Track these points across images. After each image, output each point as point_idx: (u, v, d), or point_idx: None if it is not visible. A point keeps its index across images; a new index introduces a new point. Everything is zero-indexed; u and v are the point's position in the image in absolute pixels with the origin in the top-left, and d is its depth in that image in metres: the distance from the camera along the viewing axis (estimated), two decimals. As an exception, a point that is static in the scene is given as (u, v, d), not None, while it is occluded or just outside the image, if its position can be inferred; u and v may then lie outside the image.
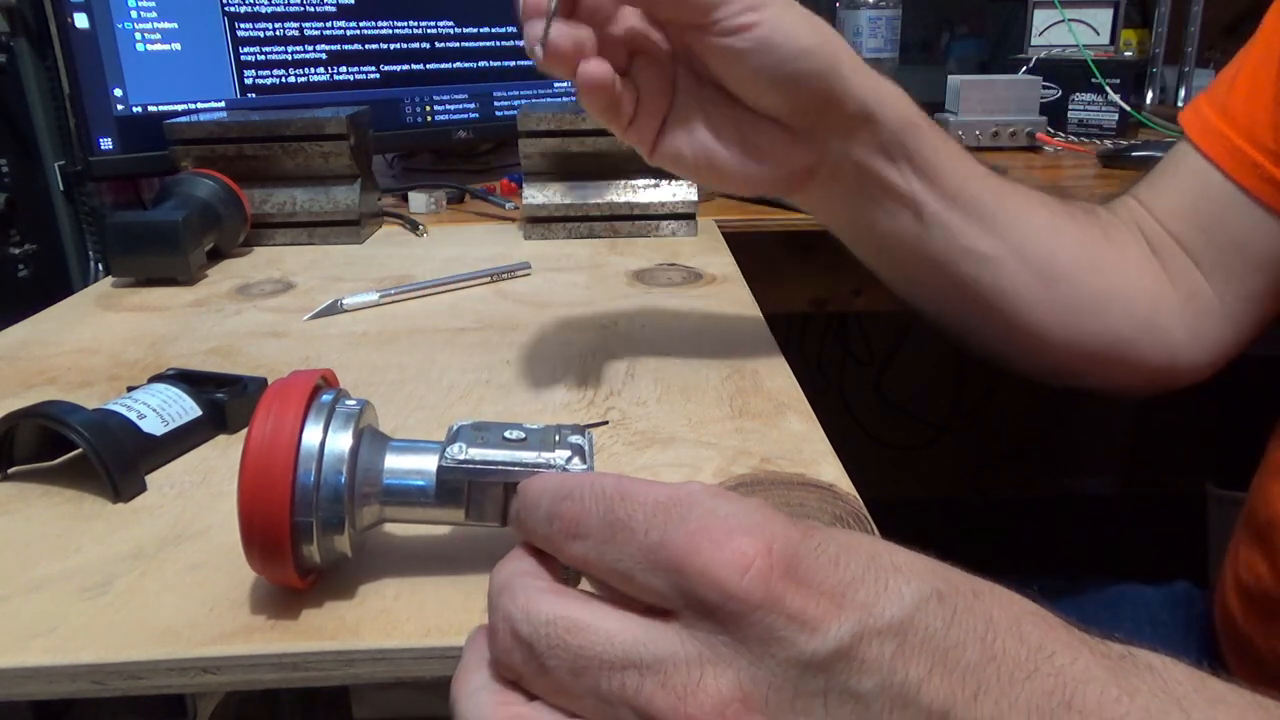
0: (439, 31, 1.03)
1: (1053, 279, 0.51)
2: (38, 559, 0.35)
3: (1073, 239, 0.52)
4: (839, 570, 0.22)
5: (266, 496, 0.29)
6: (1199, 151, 0.53)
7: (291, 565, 0.30)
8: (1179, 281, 0.54)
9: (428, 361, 0.54)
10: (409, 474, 0.31)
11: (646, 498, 0.24)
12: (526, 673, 0.24)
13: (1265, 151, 0.51)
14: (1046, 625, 0.23)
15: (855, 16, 1.28)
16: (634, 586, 0.23)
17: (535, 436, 0.31)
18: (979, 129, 1.20)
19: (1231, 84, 0.54)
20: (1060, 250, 0.51)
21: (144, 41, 0.85)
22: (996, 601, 0.23)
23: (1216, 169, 0.52)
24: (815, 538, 0.23)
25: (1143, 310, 0.53)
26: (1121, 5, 1.32)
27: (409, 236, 0.86)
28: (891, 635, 0.22)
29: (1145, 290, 0.53)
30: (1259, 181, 0.51)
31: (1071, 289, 0.51)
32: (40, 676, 0.29)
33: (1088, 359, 0.54)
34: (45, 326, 0.63)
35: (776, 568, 0.22)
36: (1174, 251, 0.54)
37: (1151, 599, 0.66)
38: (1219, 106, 0.53)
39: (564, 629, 0.23)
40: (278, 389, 0.31)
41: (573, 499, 0.25)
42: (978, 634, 0.22)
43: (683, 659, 0.22)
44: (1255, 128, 0.51)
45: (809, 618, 0.21)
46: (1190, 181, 0.54)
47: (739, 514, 0.23)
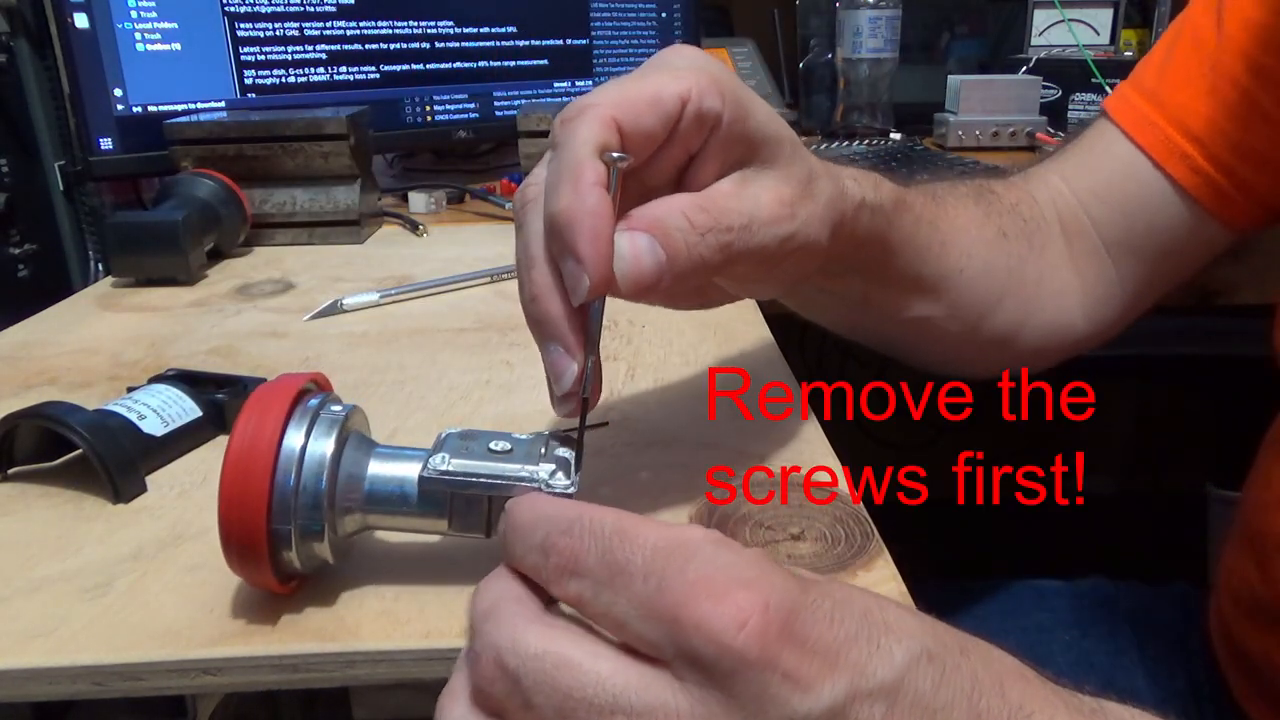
0: (439, 31, 1.03)
1: (976, 325, 0.51)
2: (38, 559, 0.35)
3: (1002, 272, 0.51)
4: (834, 628, 0.22)
5: (244, 502, 0.29)
6: (1128, 139, 0.53)
7: (270, 571, 0.30)
8: (1085, 268, 0.54)
9: (428, 362, 0.54)
10: (391, 482, 0.31)
11: (646, 541, 0.23)
12: (510, 706, 0.23)
13: (1195, 142, 0.51)
14: (1025, 682, 0.24)
15: (855, 16, 1.28)
16: (627, 634, 0.23)
17: (522, 448, 0.31)
18: (979, 129, 1.21)
19: (1160, 71, 0.53)
20: (989, 293, 0.51)
21: (144, 41, 0.85)
22: (981, 659, 0.24)
23: (1146, 157, 0.52)
24: (811, 593, 0.23)
25: (1050, 317, 0.54)
26: (1121, 5, 1.32)
27: (409, 236, 0.86)
28: (883, 697, 0.22)
29: (1056, 295, 0.54)
30: (1188, 172, 0.51)
31: (992, 323, 0.52)
32: (40, 677, 0.29)
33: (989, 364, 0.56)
34: (45, 326, 0.63)
35: (773, 625, 0.22)
36: (1086, 234, 0.54)
37: (1150, 600, 0.66)
38: (1148, 94, 0.53)
39: (553, 665, 0.23)
40: (262, 393, 0.30)
41: (570, 534, 0.24)
42: (965, 693, 0.23)
43: (673, 710, 0.22)
44: (1187, 117, 0.51)
45: (802, 677, 0.21)
46: (1117, 167, 0.53)
47: (738, 565, 0.23)
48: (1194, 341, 0.84)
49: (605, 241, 0.29)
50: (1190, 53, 0.52)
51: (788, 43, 1.44)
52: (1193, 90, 0.51)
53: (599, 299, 0.31)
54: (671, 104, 0.31)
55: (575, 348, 0.31)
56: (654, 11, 1.18)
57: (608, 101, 0.30)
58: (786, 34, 1.43)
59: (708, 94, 0.31)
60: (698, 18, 1.22)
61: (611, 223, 0.29)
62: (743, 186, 0.33)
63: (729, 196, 0.33)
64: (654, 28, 1.19)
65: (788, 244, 0.34)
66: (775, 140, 0.34)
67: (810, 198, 0.35)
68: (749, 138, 0.33)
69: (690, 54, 0.34)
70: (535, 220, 0.31)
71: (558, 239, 0.29)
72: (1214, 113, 0.50)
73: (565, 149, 0.30)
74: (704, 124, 0.32)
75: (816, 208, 0.35)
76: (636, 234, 0.30)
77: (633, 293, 0.30)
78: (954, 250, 0.48)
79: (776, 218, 0.33)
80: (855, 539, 0.35)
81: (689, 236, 0.31)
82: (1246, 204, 0.51)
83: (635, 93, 0.31)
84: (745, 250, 0.32)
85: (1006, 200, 0.54)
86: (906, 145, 1.23)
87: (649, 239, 0.30)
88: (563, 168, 0.30)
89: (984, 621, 0.66)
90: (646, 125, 0.31)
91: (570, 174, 0.29)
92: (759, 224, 0.33)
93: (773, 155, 0.34)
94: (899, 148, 1.21)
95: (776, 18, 1.42)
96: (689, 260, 0.31)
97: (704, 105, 0.31)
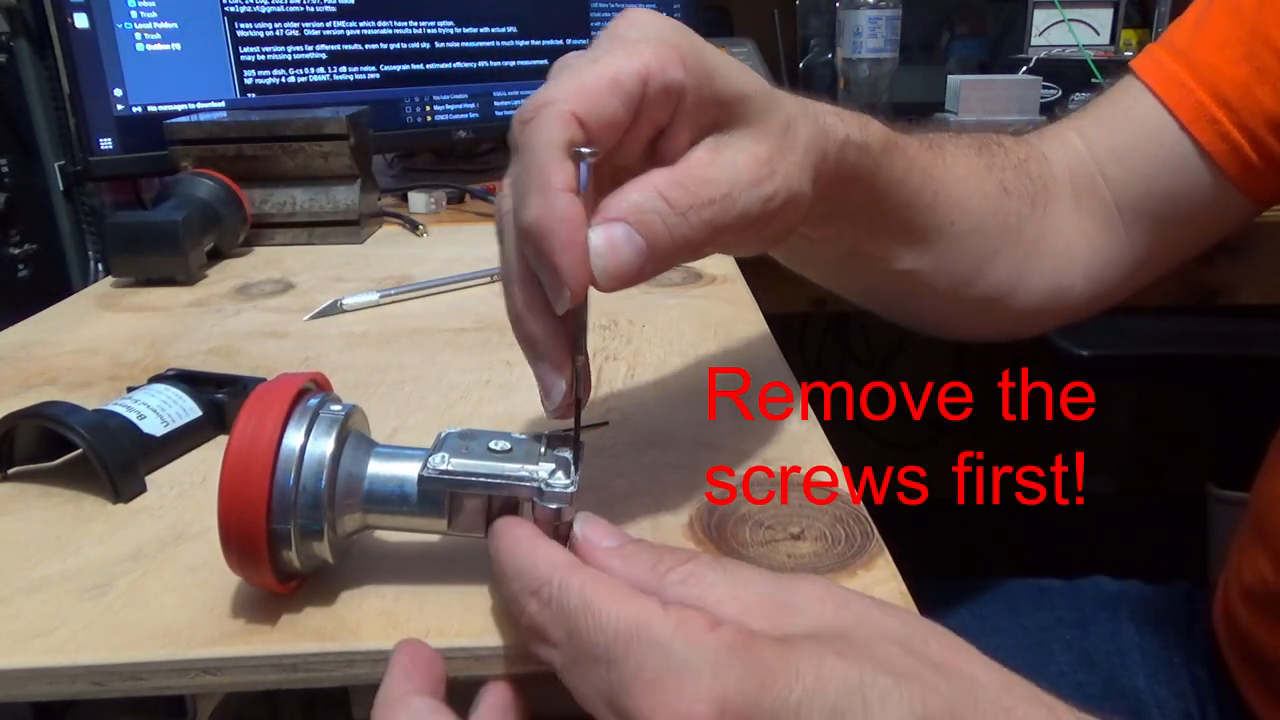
0: (439, 31, 1.03)
1: (968, 281, 0.50)
2: (38, 559, 0.35)
3: (996, 229, 0.50)
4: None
5: (244, 501, 0.29)
6: (1156, 97, 0.52)
7: (270, 570, 0.30)
8: (1092, 230, 0.53)
9: (428, 362, 0.54)
10: (391, 482, 0.31)
11: (608, 621, 0.24)
12: None
13: (1226, 107, 0.49)
14: None
15: (855, 16, 1.28)
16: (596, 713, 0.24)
17: (521, 448, 0.31)
18: (979, 129, 1.20)
19: (1194, 33, 0.52)
20: (982, 249, 0.50)
21: (144, 41, 0.85)
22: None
23: (1173, 118, 0.51)
24: (775, 686, 0.22)
25: (1048, 280, 0.52)
26: (1121, 5, 1.32)
27: (409, 236, 0.86)
28: None
29: (1055, 256, 0.52)
30: (1215, 137, 0.50)
31: (985, 281, 0.50)
32: (40, 677, 0.29)
33: (981, 325, 0.55)
34: (45, 326, 0.63)
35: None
36: (1099, 194, 0.53)
37: (1152, 599, 0.66)
38: (1179, 54, 0.51)
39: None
40: (261, 393, 0.30)
41: (539, 598, 0.25)
42: None
43: None
44: (1220, 81, 0.50)
45: None
46: (1141, 127, 0.52)
47: (694, 665, 0.23)
48: (1194, 341, 0.84)
49: (581, 248, 0.28)
50: (1226, 16, 0.50)
51: (788, 43, 1.44)
52: (1228, 55, 0.50)
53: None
54: (632, 85, 0.29)
55: (563, 364, 0.30)
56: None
57: (564, 95, 0.28)
58: (786, 34, 1.43)
59: (669, 65, 0.29)
60: (698, 18, 1.22)
61: (584, 227, 0.28)
62: (717, 152, 0.32)
63: (706, 166, 0.31)
64: (654, 28, 1.19)
65: (770, 203, 0.32)
66: (746, 96, 0.32)
67: (790, 149, 0.33)
68: (719, 99, 0.31)
69: (643, 21, 0.31)
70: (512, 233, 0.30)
71: (533, 251, 0.29)
72: (1249, 79, 0.49)
73: (527, 153, 0.29)
74: (669, 97, 0.30)
75: (795, 155, 0.33)
76: (612, 225, 0.29)
77: (614, 287, 0.29)
78: (947, 201, 0.46)
79: (757, 179, 0.32)
80: (855, 539, 0.35)
81: (669, 218, 0.29)
82: (1272, 176, 0.50)
83: (593, 81, 0.29)
84: (729, 221, 0.31)
85: (1014, 155, 0.52)
86: (906, 145, 1.23)
87: (625, 228, 0.29)
88: (528, 175, 0.28)
89: (984, 621, 0.66)
90: (609, 113, 0.29)
91: (536, 181, 0.28)
92: (739, 189, 0.31)
93: (745, 112, 0.32)
94: (899, 148, 1.21)
95: (776, 18, 1.42)
96: (671, 243, 0.30)
97: (667, 78, 0.29)
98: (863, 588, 0.31)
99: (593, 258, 0.29)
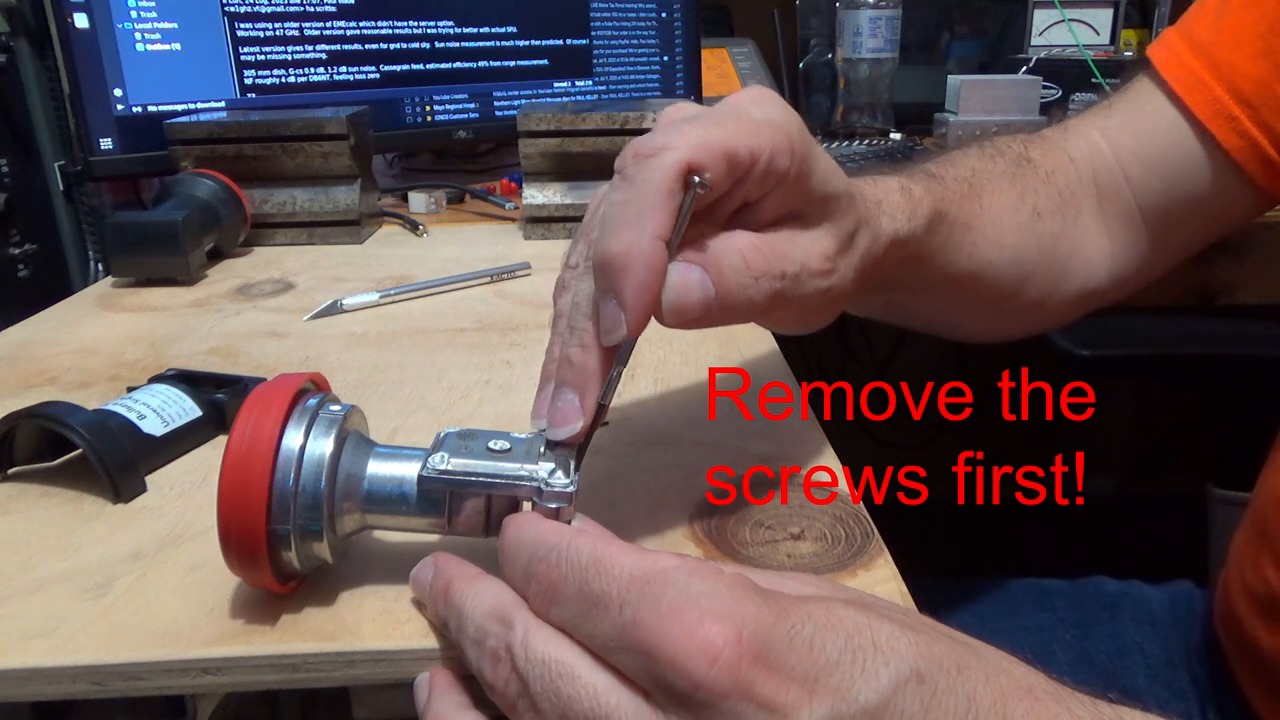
0: (439, 31, 1.03)
1: (1004, 303, 0.51)
2: (38, 559, 0.35)
3: (1032, 253, 0.51)
4: (813, 654, 0.22)
5: (243, 502, 0.29)
6: (1175, 99, 0.51)
7: (269, 571, 0.30)
8: (1115, 230, 0.54)
9: (428, 362, 0.54)
10: (390, 482, 0.31)
11: (621, 571, 0.24)
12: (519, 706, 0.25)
13: (1245, 105, 0.49)
14: (1030, 699, 0.23)
15: (855, 16, 1.28)
16: (612, 660, 0.24)
17: (521, 447, 0.31)
18: (979, 129, 1.20)
19: (1215, 25, 0.51)
20: (1018, 275, 0.51)
21: (144, 41, 0.85)
22: (982, 677, 0.23)
23: (1192, 120, 0.51)
24: (790, 619, 0.23)
25: (1079, 284, 0.53)
26: (1121, 5, 1.33)
27: (409, 236, 0.86)
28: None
29: (1085, 263, 0.53)
30: (1234, 135, 0.50)
31: (1020, 299, 0.51)
32: (40, 677, 0.29)
33: (1011, 330, 0.56)
34: (45, 326, 0.63)
35: (745, 656, 0.22)
36: (1121, 196, 0.54)
37: (1152, 599, 0.66)
38: (1200, 49, 0.51)
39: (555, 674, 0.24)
40: (260, 393, 0.30)
41: (548, 562, 0.25)
42: (958, 715, 0.22)
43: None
44: (1238, 78, 0.49)
45: (779, 705, 0.21)
46: (1162, 134, 0.52)
47: (711, 596, 0.23)
48: (1194, 341, 0.84)
49: (651, 294, 0.29)
50: (1246, 9, 0.50)
51: (788, 43, 1.44)
52: (1247, 51, 0.49)
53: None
54: (745, 160, 0.31)
55: (591, 405, 0.31)
56: (654, 12, 1.18)
57: (685, 145, 0.30)
58: (786, 34, 1.43)
59: (780, 154, 0.31)
60: (698, 18, 1.22)
61: (661, 276, 0.29)
62: (797, 236, 0.34)
63: (785, 243, 0.33)
64: (654, 28, 1.19)
65: (826, 295, 0.34)
66: (834, 197, 0.34)
67: (851, 250, 0.36)
68: (811, 195, 0.33)
69: (769, 103, 0.33)
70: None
71: (605, 277, 0.29)
72: (1268, 76, 0.49)
73: (635, 190, 0.29)
74: (769, 180, 0.32)
75: (853, 258, 0.36)
76: (691, 267, 0.30)
77: (674, 323, 0.30)
78: (984, 244, 0.48)
79: (822, 271, 0.34)
80: (855, 539, 0.35)
81: (743, 278, 0.31)
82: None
83: (715, 141, 0.30)
84: (790, 298, 0.33)
85: (1043, 169, 0.53)
86: (907, 145, 1.23)
87: (700, 273, 0.30)
88: (628, 207, 0.29)
89: (984, 621, 0.66)
90: (716, 176, 0.30)
91: (635, 217, 0.29)
92: (807, 274, 0.33)
93: (827, 211, 0.34)
94: (899, 148, 1.21)
95: (776, 18, 1.42)
96: (739, 300, 0.31)
97: (775, 164, 0.31)
98: (863, 588, 0.31)
99: (665, 290, 0.30)
